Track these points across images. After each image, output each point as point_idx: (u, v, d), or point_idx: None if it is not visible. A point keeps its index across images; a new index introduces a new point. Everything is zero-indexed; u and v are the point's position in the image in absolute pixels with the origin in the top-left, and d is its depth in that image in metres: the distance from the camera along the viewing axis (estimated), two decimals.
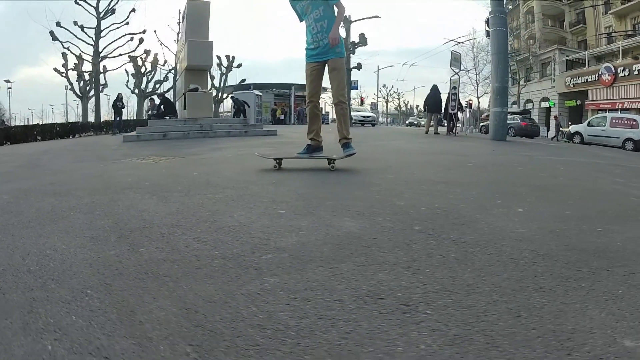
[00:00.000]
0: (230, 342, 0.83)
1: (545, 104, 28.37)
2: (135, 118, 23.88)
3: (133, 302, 1.02)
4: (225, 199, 2.19)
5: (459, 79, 12.93)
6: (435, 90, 12.79)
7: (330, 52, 3.39)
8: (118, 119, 14.62)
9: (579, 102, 25.43)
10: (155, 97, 16.91)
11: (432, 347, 0.90)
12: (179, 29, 15.06)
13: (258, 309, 0.97)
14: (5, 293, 1.11)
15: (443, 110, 12.84)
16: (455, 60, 13.07)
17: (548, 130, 27.70)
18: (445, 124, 13.11)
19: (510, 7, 30.88)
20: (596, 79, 23.24)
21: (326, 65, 3.44)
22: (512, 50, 29.32)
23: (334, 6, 3.38)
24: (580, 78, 24.79)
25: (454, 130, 12.48)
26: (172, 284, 1.11)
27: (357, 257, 1.38)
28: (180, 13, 13.10)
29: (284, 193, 2.35)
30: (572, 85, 25.27)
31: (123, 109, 15.03)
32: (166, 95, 15.04)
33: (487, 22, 11.23)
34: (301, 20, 3.54)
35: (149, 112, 14.22)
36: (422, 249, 1.53)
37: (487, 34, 11.82)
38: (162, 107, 10.64)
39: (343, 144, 3.43)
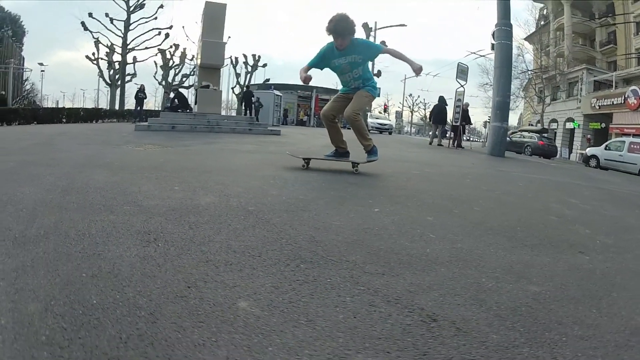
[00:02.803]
0: (45, 230, 1.71)
1: (570, 125, 27.74)
2: (160, 109, 25.75)
3: (39, 215, 1.95)
4: (151, 178, 3.08)
5: (464, 91, 13.20)
6: (441, 101, 13.17)
7: (362, 86, 3.75)
8: (139, 108, 16.17)
9: (603, 124, 24.75)
10: (171, 91, 18.38)
11: (116, 262, 1.52)
12: None
13: (82, 226, 1.82)
14: None
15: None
16: (462, 72, 13.20)
17: (570, 152, 26.99)
18: (450, 136, 13.43)
19: (542, 23, 30.37)
20: (622, 102, 22.67)
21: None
22: (539, 67, 28.87)
23: (385, 53, 3.73)
24: (606, 100, 24.21)
25: (453, 143, 12.76)
26: (64, 212, 2.02)
27: (170, 215, 2.02)
28: None
29: (198, 178, 3.19)
30: (597, 107, 24.68)
31: (144, 100, 16.61)
32: (180, 89, 16.36)
33: (493, 34, 11.34)
34: (316, 68, 3.78)
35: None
36: (220, 220, 1.99)
37: (492, 46, 11.98)
38: (175, 100, 11.87)
39: (367, 151, 3.94)
